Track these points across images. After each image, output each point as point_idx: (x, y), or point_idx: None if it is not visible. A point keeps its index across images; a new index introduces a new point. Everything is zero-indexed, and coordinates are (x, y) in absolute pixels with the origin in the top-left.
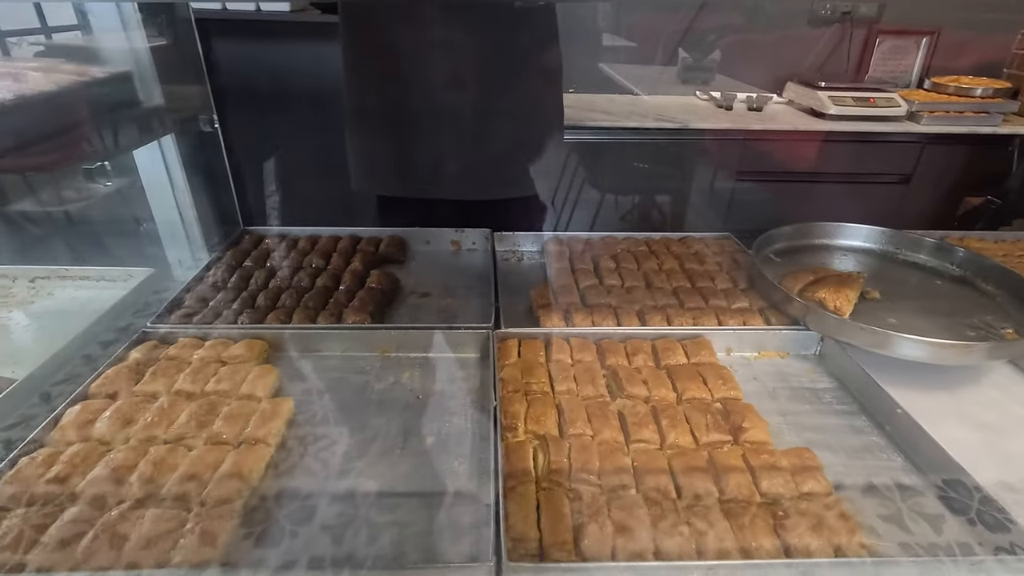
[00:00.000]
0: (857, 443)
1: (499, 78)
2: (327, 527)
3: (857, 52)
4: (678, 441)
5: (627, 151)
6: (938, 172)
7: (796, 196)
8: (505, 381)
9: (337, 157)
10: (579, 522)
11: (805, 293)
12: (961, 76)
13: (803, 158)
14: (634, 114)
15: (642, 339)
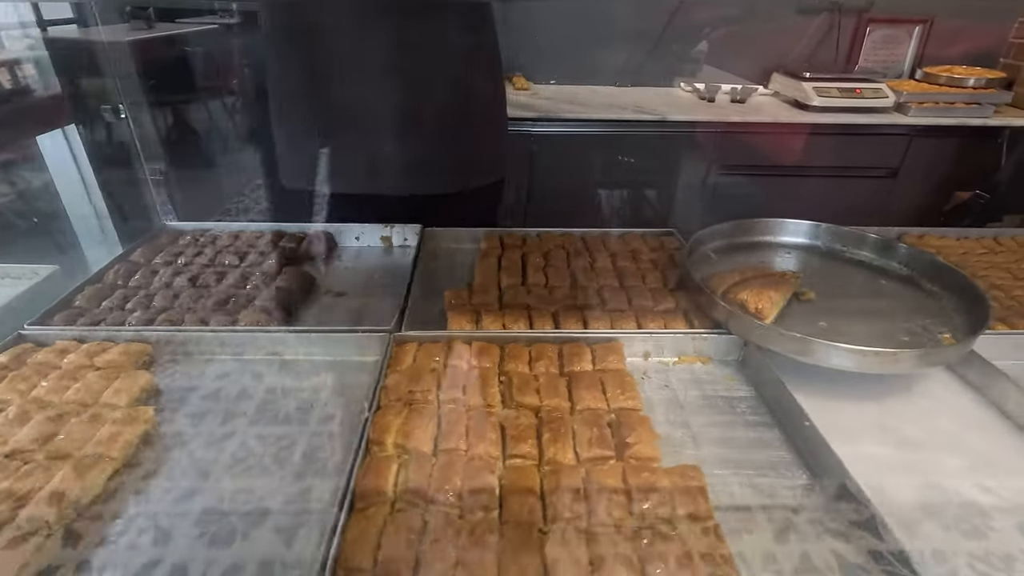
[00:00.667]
0: (763, 458)
1: (430, 68)
2: (145, 554)
3: (847, 42)
4: (557, 457)
5: (602, 144)
6: (926, 166)
7: (778, 191)
8: (388, 389)
9: (269, 150)
10: (421, 551)
11: (728, 295)
12: (954, 66)
13: (786, 151)
14: (613, 106)
15: (550, 343)
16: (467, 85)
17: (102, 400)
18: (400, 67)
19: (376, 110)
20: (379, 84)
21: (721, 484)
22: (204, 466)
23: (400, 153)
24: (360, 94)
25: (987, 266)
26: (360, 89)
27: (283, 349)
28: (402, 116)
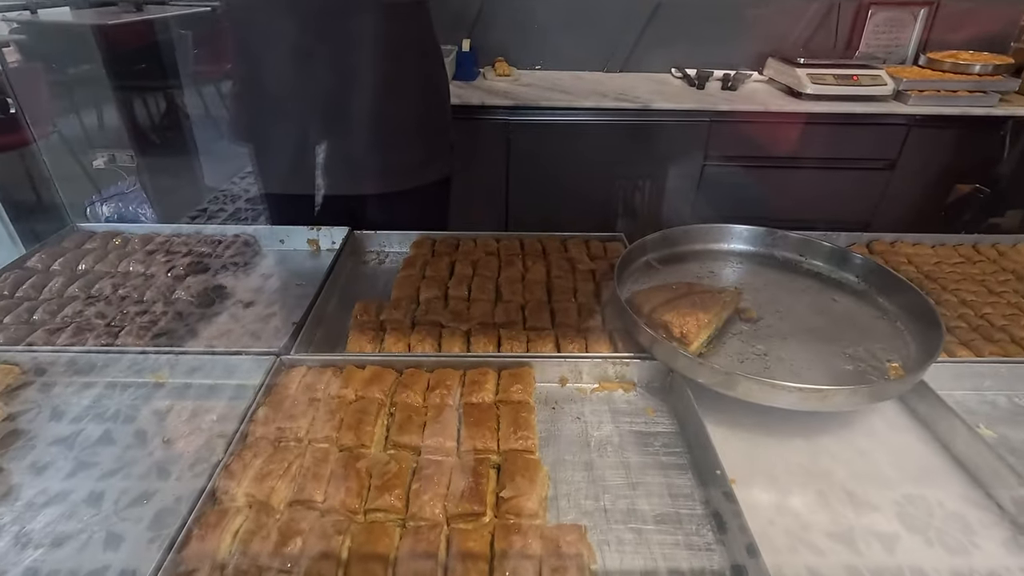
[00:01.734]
0: (670, 510)
1: (360, 58)
2: None
3: (847, 25)
4: (423, 512)
5: (582, 135)
6: (925, 157)
7: (768, 183)
8: (255, 424)
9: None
10: None
11: (654, 315)
12: (960, 51)
13: (777, 142)
14: (595, 93)
15: (454, 368)
16: (405, 77)
17: None
18: (328, 56)
19: (303, 103)
20: (306, 75)
21: (614, 543)
22: (31, 513)
23: (329, 150)
24: (288, 87)
25: (960, 278)
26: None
27: (165, 372)
28: (330, 110)
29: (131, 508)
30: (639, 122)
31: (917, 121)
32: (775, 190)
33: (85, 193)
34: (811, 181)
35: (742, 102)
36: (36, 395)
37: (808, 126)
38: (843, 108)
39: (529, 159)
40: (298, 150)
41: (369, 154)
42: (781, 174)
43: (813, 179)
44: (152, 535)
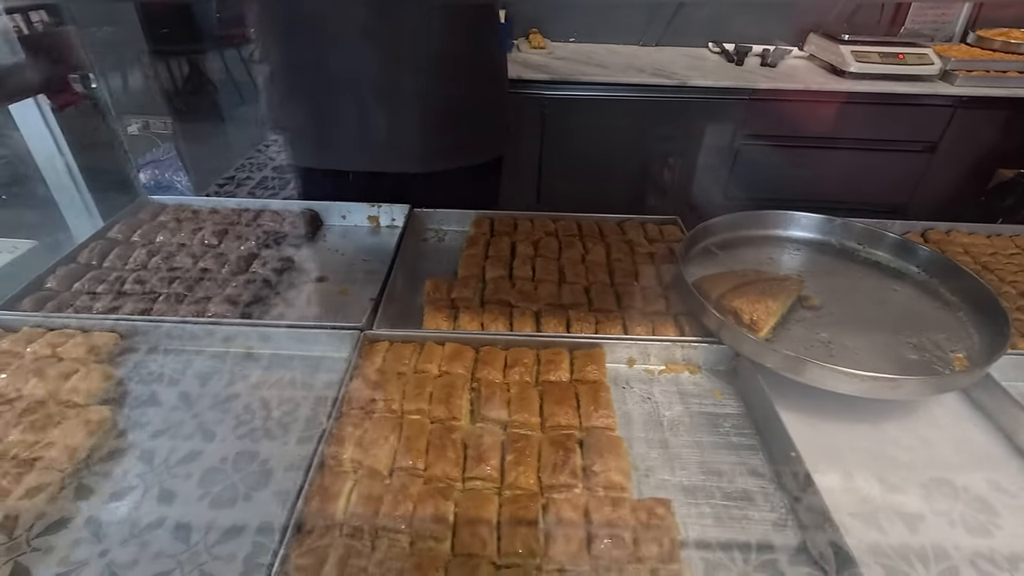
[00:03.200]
0: (742, 488)
1: (420, 37)
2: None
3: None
4: (519, 482)
5: (618, 111)
6: (968, 140)
7: (806, 163)
8: (350, 396)
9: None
10: None
11: (723, 300)
12: (1011, 29)
13: (817, 121)
14: (631, 68)
15: (528, 347)
16: (462, 56)
17: (61, 396)
18: (388, 36)
19: (363, 82)
20: (366, 54)
21: (694, 516)
22: (156, 472)
23: (389, 128)
24: (348, 65)
25: (1017, 269)
26: (347, 60)
27: (251, 343)
28: (390, 88)
29: (248, 469)
30: (676, 99)
31: (963, 102)
32: (810, 170)
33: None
34: (848, 162)
35: (783, 79)
36: (135, 362)
37: (848, 105)
38: (887, 88)
39: (563, 134)
40: (353, 128)
41: (428, 133)
42: (817, 154)
43: (850, 160)
44: (270, 493)
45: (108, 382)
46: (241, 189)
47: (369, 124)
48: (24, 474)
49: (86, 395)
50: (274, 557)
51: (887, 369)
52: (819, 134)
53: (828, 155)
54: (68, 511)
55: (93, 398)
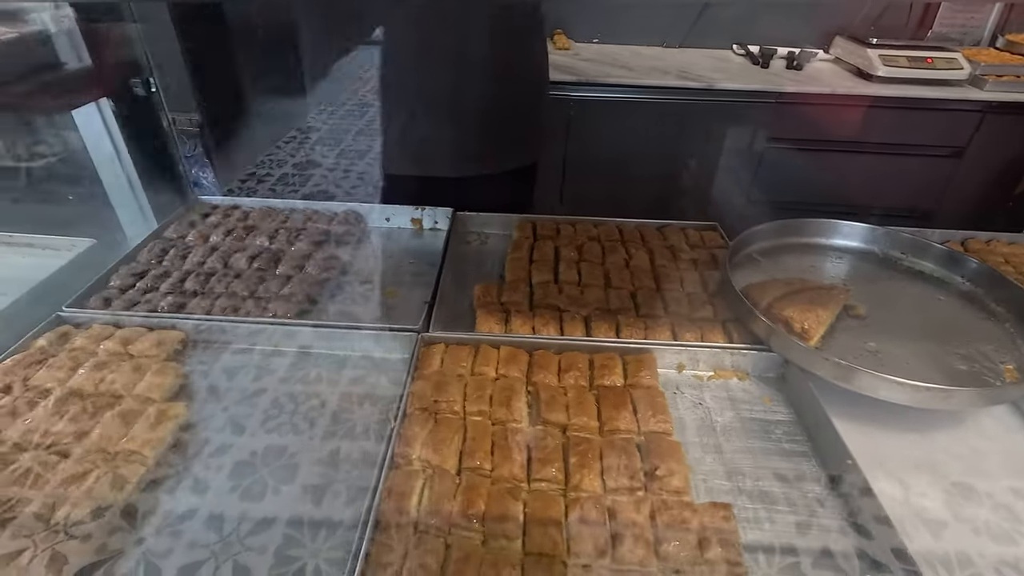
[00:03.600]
0: (798, 494)
1: (483, 49)
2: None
3: (921, 2)
4: (583, 484)
5: (643, 113)
6: (997, 146)
7: (827, 167)
8: (414, 396)
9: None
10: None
11: (772, 308)
12: None
13: (840, 125)
14: (656, 70)
15: (581, 352)
16: (511, 62)
17: (136, 392)
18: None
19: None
20: (418, 61)
21: (752, 521)
22: (232, 466)
23: (435, 132)
24: (399, 71)
25: None
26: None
27: (310, 343)
28: (440, 94)
29: (318, 466)
30: (702, 101)
31: (992, 107)
32: (834, 175)
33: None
34: (873, 167)
35: (809, 83)
36: (199, 359)
37: (875, 109)
38: (914, 92)
39: (589, 136)
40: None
41: (473, 138)
42: (841, 158)
43: (875, 165)
44: (343, 489)
45: (179, 379)
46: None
47: (415, 128)
48: (116, 467)
49: (160, 391)
50: (357, 551)
51: (937, 379)
52: (844, 138)
53: (853, 159)
54: (148, 502)
55: (166, 394)
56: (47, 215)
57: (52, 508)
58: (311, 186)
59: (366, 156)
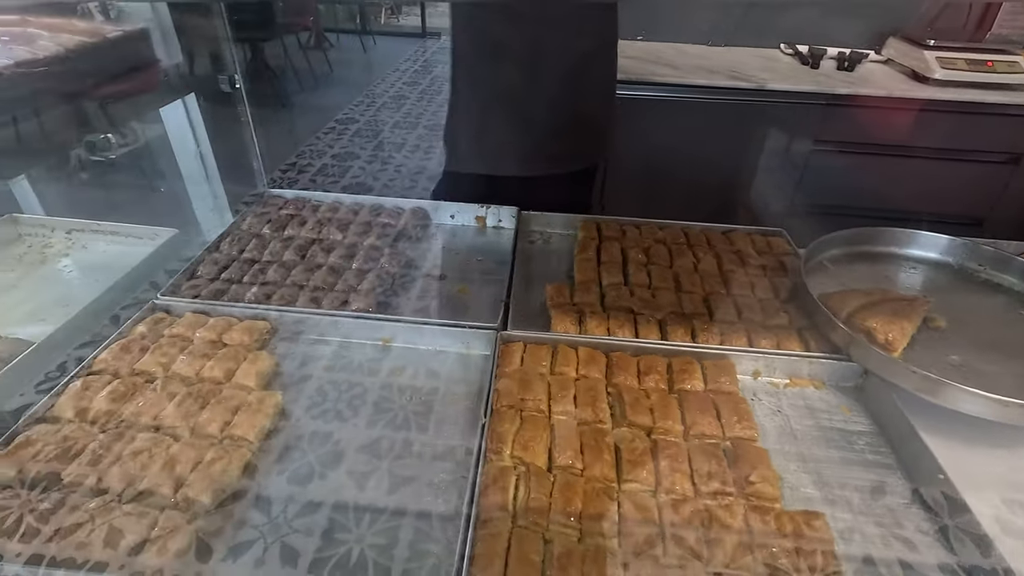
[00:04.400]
0: (886, 508)
1: (554, 48)
2: (293, 538)
3: (980, 3)
4: (675, 487)
5: (690, 113)
6: None
7: (875, 172)
8: (500, 394)
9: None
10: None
11: (854, 318)
12: None
13: (891, 128)
14: (702, 69)
15: (658, 355)
16: (587, 64)
17: (234, 380)
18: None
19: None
20: (498, 62)
21: (843, 531)
22: (328, 453)
23: (515, 134)
24: (476, 72)
25: None
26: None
27: (391, 336)
28: (517, 98)
29: (407, 459)
30: (751, 102)
31: None
32: (883, 180)
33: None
34: (923, 172)
35: (862, 85)
36: (285, 349)
37: (928, 113)
38: (971, 96)
39: (632, 136)
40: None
41: (549, 139)
42: (891, 163)
43: (925, 170)
44: (440, 482)
45: (273, 367)
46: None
47: (487, 127)
48: (226, 452)
49: (256, 379)
50: (463, 547)
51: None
52: (894, 141)
53: (901, 164)
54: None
55: (262, 382)
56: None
57: (174, 489)
58: (349, 177)
59: (402, 148)
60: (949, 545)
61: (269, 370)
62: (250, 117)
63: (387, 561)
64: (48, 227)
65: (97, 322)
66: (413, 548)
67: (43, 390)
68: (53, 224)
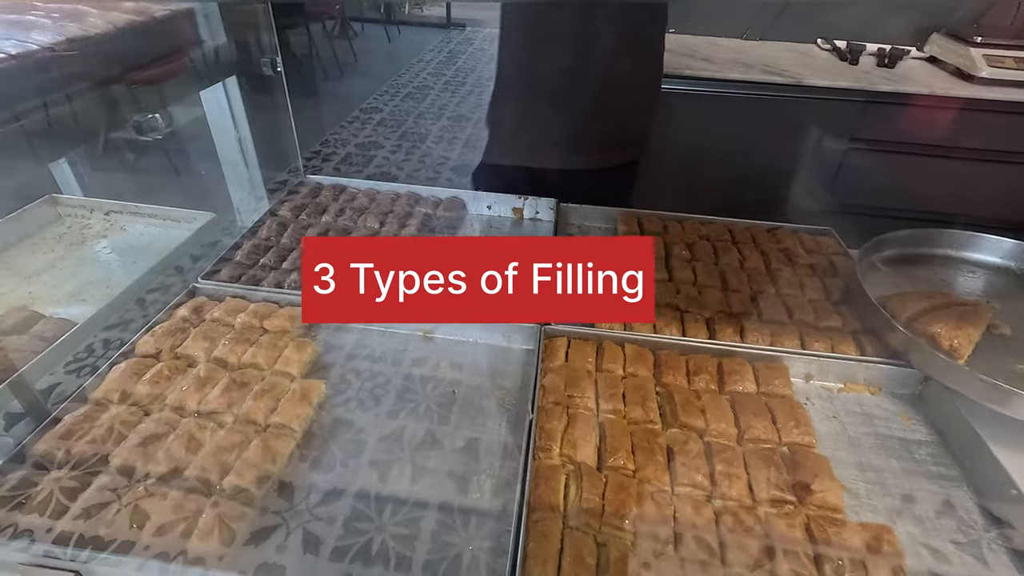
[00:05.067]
0: (955, 524)
1: (603, 39)
2: (342, 528)
3: None
4: (731, 493)
5: (724, 108)
6: None
7: (913, 172)
8: (546, 390)
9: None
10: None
11: (915, 322)
12: None
13: (932, 128)
14: (738, 63)
15: (707, 355)
16: (641, 56)
17: (276, 367)
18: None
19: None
20: (547, 53)
21: (908, 545)
22: (373, 444)
23: (559, 127)
24: (540, 67)
25: None
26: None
27: (433, 327)
28: (564, 90)
29: (456, 453)
30: (786, 98)
31: None
32: (923, 180)
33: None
34: (965, 174)
35: (904, 82)
36: (324, 338)
37: (972, 113)
38: (1019, 95)
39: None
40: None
41: (593, 131)
42: (932, 163)
43: (968, 172)
44: (486, 475)
45: (315, 356)
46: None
47: (530, 119)
48: (271, 440)
49: (299, 367)
50: (517, 539)
51: None
52: (934, 141)
53: (945, 165)
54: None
55: (304, 370)
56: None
57: (220, 475)
58: (373, 167)
59: (426, 139)
60: (1019, 565)
61: (312, 358)
62: (288, 102)
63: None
64: (87, 208)
65: (125, 306)
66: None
67: (71, 370)
68: (92, 205)
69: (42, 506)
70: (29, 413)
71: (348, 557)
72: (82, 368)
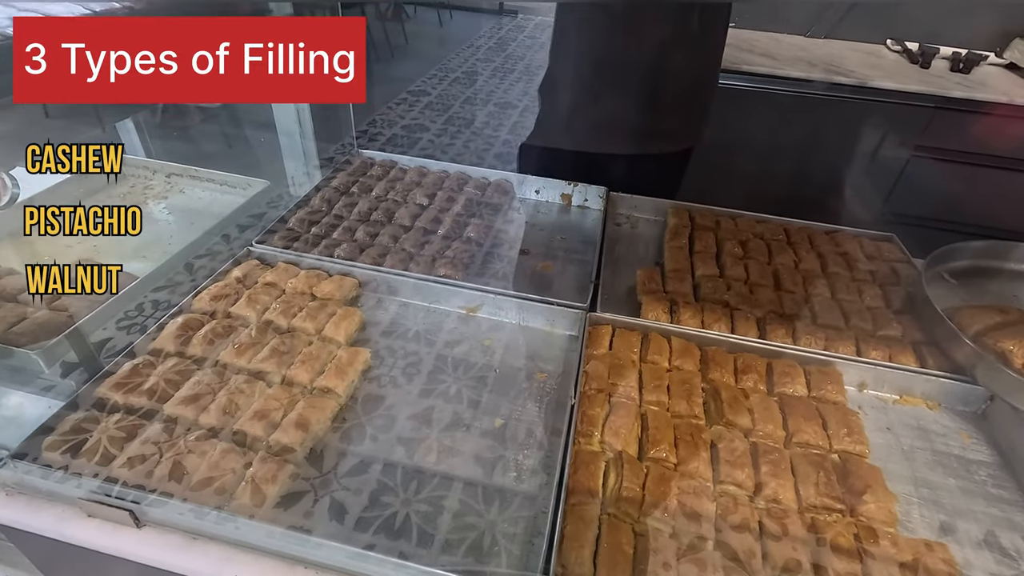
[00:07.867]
0: (1011, 545)
1: (663, 21)
2: (379, 496)
3: None
4: (777, 495)
5: (783, 107)
6: None
7: (977, 184)
8: (589, 376)
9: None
10: (640, 569)
11: (984, 337)
12: None
13: (1005, 138)
14: (800, 61)
15: (756, 354)
16: (702, 42)
17: (324, 333)
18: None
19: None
20: (608, 39)
21: (963, 565)
22: (414, 416)
23: (614, 111)
24: (599, 50)
25: None
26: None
27: (475, 306)
28: (630, 73)
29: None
30: (850, 99)
31: None
32: (989, 194)
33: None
34: None
35: (980, 89)
36: (370, 308)
37: None
38: None
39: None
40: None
41: (649, 116)
42: (1005, 176)
43: None
44: (521, 458)
45: (361, 324)
46: (373, 144)
47: (586, 103)
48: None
49: (345, 334)
50: (553, 525)
51: None
52: (1012, 154)
53: (1010, 177)
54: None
55: (350, 337)
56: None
57: (262, 432)
58: (418, 149)
59: (472, 124)
60: None
61: (358, 327)
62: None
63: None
64: (150, 169)
65: (180, 265)
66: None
67: (123, 327)
68: (155, 167)
69: (90, 452)
70: (83, 364)
71: (372, 529)
72: (132, 326)
